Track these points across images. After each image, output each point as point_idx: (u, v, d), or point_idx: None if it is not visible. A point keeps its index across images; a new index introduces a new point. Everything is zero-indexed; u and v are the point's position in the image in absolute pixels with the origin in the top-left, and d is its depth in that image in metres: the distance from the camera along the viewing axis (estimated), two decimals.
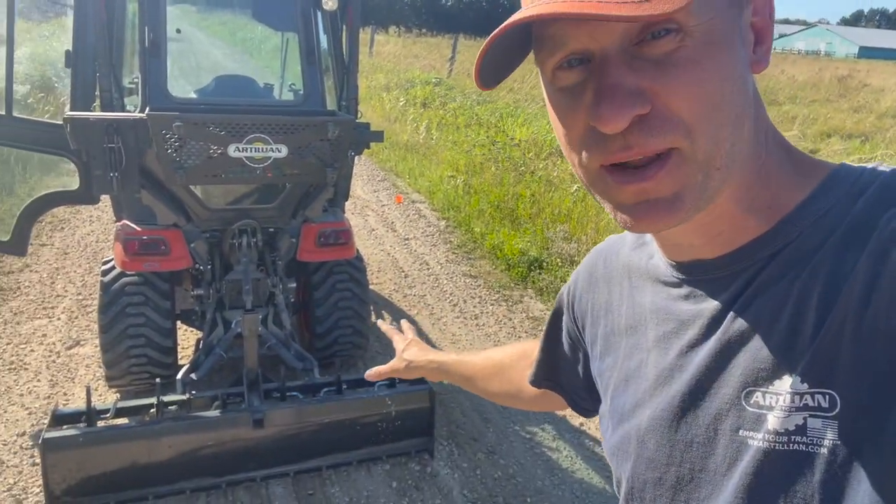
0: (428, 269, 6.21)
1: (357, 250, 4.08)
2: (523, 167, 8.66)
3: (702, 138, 0.57)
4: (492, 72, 0.63)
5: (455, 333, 4.93)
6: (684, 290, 0.71)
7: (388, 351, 4.25)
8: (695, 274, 0.70)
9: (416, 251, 6.66)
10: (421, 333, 4.88)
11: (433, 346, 4.66)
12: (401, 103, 14.30)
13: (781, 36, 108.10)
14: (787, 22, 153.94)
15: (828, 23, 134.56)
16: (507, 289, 5.84)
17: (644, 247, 0.81)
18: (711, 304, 0.68)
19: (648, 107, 0.56)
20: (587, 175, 0.63)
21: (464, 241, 7.00)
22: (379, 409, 3.28)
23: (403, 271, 6.10)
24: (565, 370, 1.01)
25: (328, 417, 3.21)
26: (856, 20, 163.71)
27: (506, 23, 0.56)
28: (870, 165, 0.64)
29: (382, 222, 7.54)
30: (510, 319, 5.23)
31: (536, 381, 1.08)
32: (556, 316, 1.00)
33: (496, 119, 11.66)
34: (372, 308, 4.79)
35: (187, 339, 4.41)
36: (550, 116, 0.64)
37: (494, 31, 0.57)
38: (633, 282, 0.80)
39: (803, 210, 0.63)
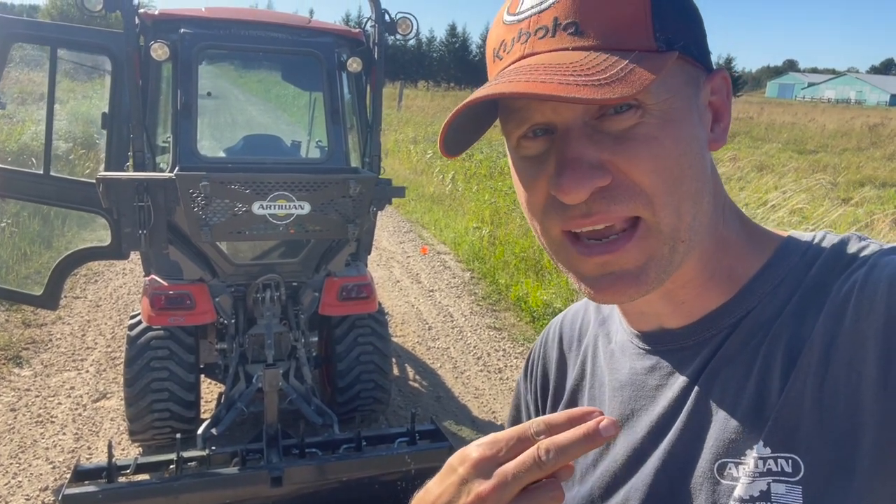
0: (452, 321, 6.18)
1: (380, 304, 4.09)
2: None
3: (663, 210, 0.58)
4: (458, 140, 0.64)
5: (478, 387, 4.87)
6: (649, 361, 0.70)
7: (409, 406, 4.20)
8: (660, 344, 0.70)
9: (440, 303, 6.65)
10: (443, 387, 4.83)
11: (455, 400, 4.65)
12: (428, 155, 14.53)
13: (811, 85, 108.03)
14: (815, 71, 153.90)
15: (857, 71, 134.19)
16: (531, 341, 5.78)
17: (604, 324, 0.80)
18: (678, 377, 0.67)
19: (609, 178, 0.57)
20: (550, 243, 0.63)
21: (488, 293, 6.98)
22: (398, 467, 3.23)
23: (427, 323, 6.09)
24: None
25: (347, 475, 3.17)
26: (886, 68, 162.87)
27: (472, 97, 0.58)
28: (818, 235, 0.66)
29: (407, 274, 7.57)
30: None
31: None
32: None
33: None
34: (395, 361, 4.77)
35: (210, 392, 4.43)
36: (514, 182, 0.66)
37: (459, 105, 0.58)
38: (597, 360, 0.79)
39: (761, 279, 0.64)
